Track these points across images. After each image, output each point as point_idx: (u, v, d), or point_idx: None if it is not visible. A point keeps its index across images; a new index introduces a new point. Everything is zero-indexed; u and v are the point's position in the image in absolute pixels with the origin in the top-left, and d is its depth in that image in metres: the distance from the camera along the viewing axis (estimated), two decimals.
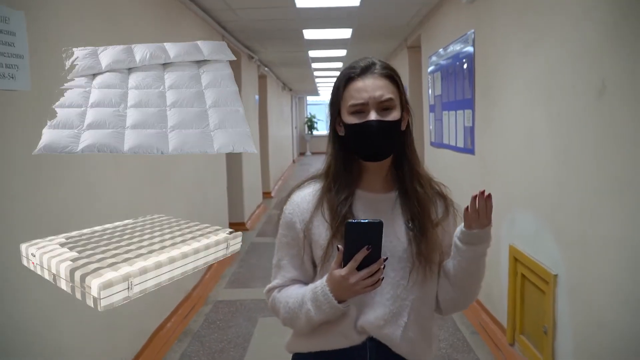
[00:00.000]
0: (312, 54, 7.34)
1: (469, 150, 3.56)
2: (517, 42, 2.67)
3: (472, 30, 3.41)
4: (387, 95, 1.13)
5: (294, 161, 15.38)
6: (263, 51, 6.99)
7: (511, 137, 2.79)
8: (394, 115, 1.14)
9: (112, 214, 2.41)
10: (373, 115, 1.12)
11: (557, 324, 2.29)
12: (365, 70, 1.15)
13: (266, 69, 8.45)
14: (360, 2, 4.22)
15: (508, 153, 2.85)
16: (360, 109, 1.14)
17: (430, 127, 4.82)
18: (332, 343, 1.17)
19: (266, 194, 8.38)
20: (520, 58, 2.64)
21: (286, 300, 1.18)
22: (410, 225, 1.17)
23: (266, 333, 3.27)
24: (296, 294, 1.17)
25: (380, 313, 1.15)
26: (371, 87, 1.13)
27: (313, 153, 18.38)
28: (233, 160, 5.91)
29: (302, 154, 18.71)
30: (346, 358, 1.17)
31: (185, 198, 3.77)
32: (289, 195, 1.25)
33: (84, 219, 2.14)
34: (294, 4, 4.25)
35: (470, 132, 3.52)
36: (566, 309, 2.20)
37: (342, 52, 7.10)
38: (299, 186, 1.25)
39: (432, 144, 4.80)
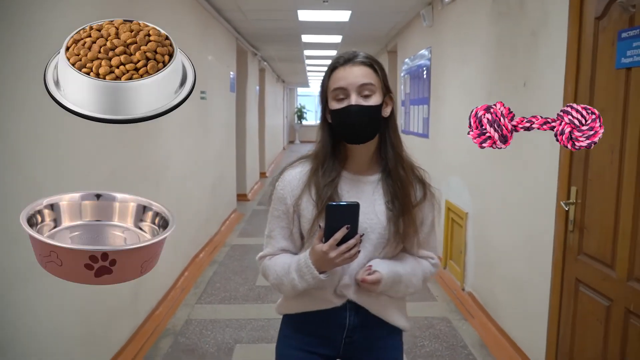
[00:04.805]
0: (307, 52, 8.53)
1: (425, 135, 4.79)
2: (454, 60, 3.90)
3: (430, 47, 4.62)
4: (366, 80, 1.20)
5: (284, 148, 16.54)
6: (264, 48, 8.14)
7: (448, 125, 4.03)
8: (374, 101, 1.21)
9: (175, 167, 3.61)
10: (354, 100, 1.19)
11: (467, 246, 3.53)
12: (348, 60, 1.23)
13: (265, 63, 9.59)
14: (349, 18, 5.41)
15: (446, 137, 4.08)
16: (342, 94, 1.21)
17: (401, 118, 6.05)
18: (316, 305, 1.30)
19: (262, 174, 9.57)
20: (455, 71, 3.87)
21: (275, 268, 1.29)
22: (389, 205, 1.26)
23: None
24: (283, 264, 1.28)
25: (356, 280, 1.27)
26: (352, 74, 1.21)
27: (302, 141, 19.44)
28: (240, 145, 7.08)
29: (291, 142, 19.77)
30: (329, 317, 1.30)
31: (212, 169, 4.97)
32: (281, 173, 1.33)
33: (164, 170, 3.33)
34: (297, 17, 5.42)
35: (426, 122, 4.75)
36: (471, 235, 3.45)
37: (333, 52, 8.30)
38: (291, 165, 1.34)
39: (402, 131, 6.03)
